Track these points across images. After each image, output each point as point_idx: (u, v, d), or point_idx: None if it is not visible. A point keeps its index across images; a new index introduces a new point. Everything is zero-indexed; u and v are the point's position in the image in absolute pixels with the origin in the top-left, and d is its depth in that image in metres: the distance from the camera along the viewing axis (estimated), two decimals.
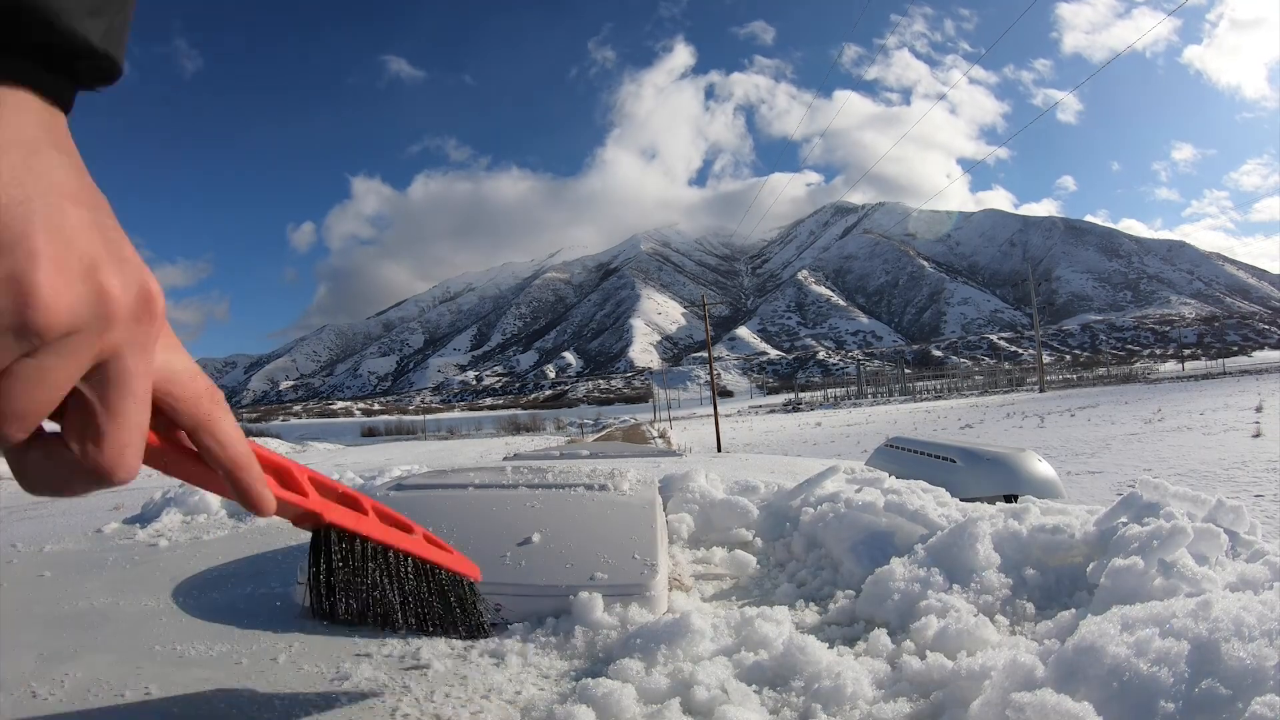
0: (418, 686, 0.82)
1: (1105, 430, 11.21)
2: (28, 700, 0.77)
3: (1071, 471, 6.72)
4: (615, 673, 0.82)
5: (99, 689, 0.80)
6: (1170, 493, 1.17)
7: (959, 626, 0.89)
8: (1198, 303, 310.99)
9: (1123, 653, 0.66)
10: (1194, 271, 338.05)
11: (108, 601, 1.14)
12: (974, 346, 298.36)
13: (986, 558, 1.06)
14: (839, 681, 0.77)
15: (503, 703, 0.79)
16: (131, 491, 12.04)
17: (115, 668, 0.86)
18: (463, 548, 1.10)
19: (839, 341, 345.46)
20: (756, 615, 0.93)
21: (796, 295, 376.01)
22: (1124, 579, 0.91)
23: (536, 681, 0.86)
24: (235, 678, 0.84)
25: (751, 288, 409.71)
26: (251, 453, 0.46)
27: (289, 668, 0.88)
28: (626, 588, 1.02)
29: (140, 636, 0.98)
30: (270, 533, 1.71)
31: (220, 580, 1.28)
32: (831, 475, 1.58)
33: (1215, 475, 5.87)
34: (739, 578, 1.30)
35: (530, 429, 42.19)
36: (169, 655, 0.91)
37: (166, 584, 1.23)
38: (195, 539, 1.66)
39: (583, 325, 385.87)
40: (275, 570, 1.31)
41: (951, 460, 2.43)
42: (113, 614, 1.07)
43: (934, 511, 1.28)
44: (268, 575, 1.29)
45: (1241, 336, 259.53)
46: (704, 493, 1.60)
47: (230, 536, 1.67)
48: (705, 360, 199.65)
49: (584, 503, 1.31)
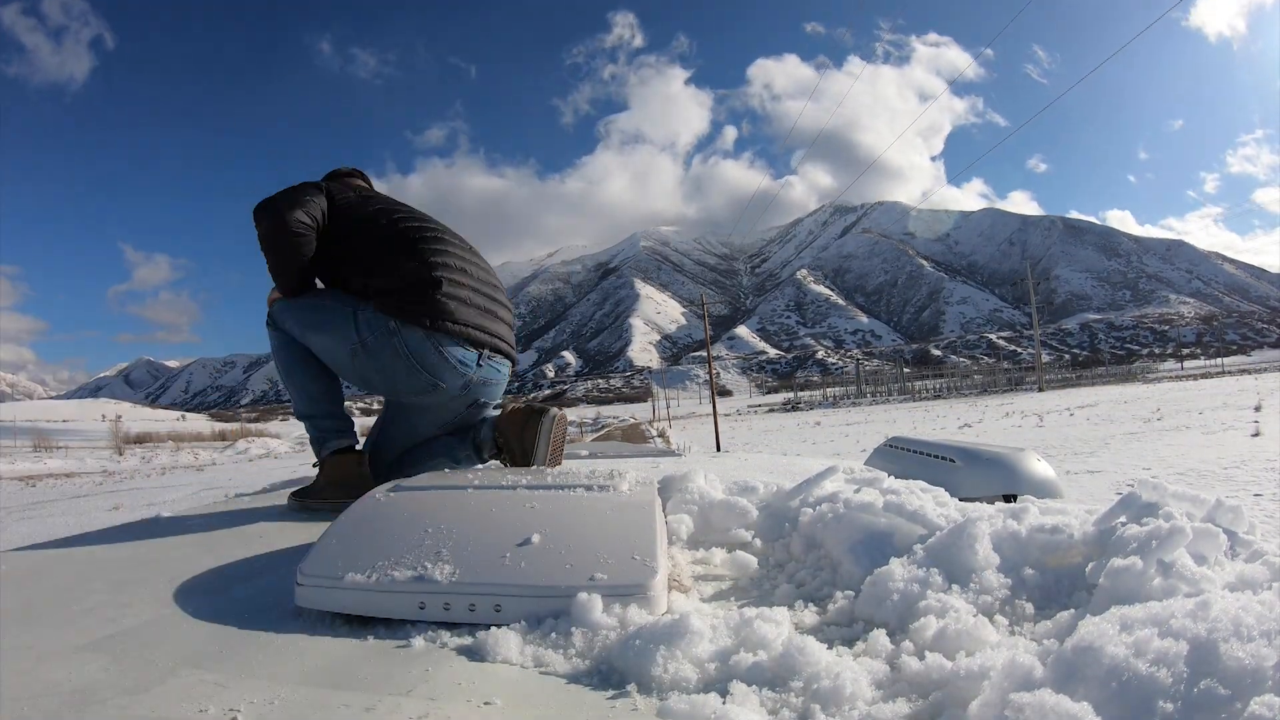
0: (420, 688, 0.82)
1: (1104, 429, 11.22)
2: (28, 701, 0.77)
3: (1071, 471, 6.73)
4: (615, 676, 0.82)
5: (99, 690, 0.80)
6: (1169, 492, 1.17)
7: (958, 627, 0.89)
8: (1197, 302, 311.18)
9: (1121, 653, 0.66)
10: (1193, 270, 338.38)
11: (107, 601, 1.14)
12: (973, 346, 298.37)
13: (985, 558, 1.06)
14: (838, 682, 0.77)
15: (504, 704, 0.79)
16: (131, 492, 12.03)
17: (115, 668, 0.86)
18: (462, 548, 1.10)
19: (838, 341, 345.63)
20: (755, 616, 0.93)
21: (795, 294, 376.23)
22: (1123, 579, 0.92)
23: (537, 682, 0.86)
24: (236, 678, 0.84)
25: (750, 287, 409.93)
26: None
27: (290, 668, 0.88)
28: (626, 588, 1.02)
29: (140, 637, 0.98)
30: (270, 533, 1.71)
31: (220, 580, 1.28)
32: (830, 475, 1.58)
33: (1214, 474, 5.88)
34: (738, 579, 1.31)
35: None
36: (169, 656, 0.91)
37: (167, 584, 1.23)
38: (195, 539, 1.66)
39: (582, 324, 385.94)
40: (276, 571, 1.31)
41: (950, 460, 2.43)
42: (113, 614, 1.07)
43: (933, 511, 1.28)
44: (268, 575, 1.29)
45: (1240, 335, 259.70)
46: (703, 493, 1.60)
47: (230, 536, 1.67)
48: (704, 359, 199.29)
49: (583, 503, 1.31)
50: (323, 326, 1.98)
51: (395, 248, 1.99)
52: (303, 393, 2.04)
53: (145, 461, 22.57)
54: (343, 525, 1.23)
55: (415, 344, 1.91)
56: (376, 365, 1.94)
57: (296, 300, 2.03)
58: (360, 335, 1.92)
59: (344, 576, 1.04)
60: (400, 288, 1.93)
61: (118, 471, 18.83)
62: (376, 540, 1.15)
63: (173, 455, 25.02)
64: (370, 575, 1.04)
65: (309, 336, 2.00)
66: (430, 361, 1.93)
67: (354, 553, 1.11)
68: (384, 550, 1.10)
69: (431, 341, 1.92)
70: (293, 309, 2.01)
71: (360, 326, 1.92)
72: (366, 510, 1.30)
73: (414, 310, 1.91)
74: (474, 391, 2.07)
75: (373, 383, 2.02)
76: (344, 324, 1.94)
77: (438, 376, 1.96)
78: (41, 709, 0.75)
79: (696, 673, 0.85)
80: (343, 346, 1.95)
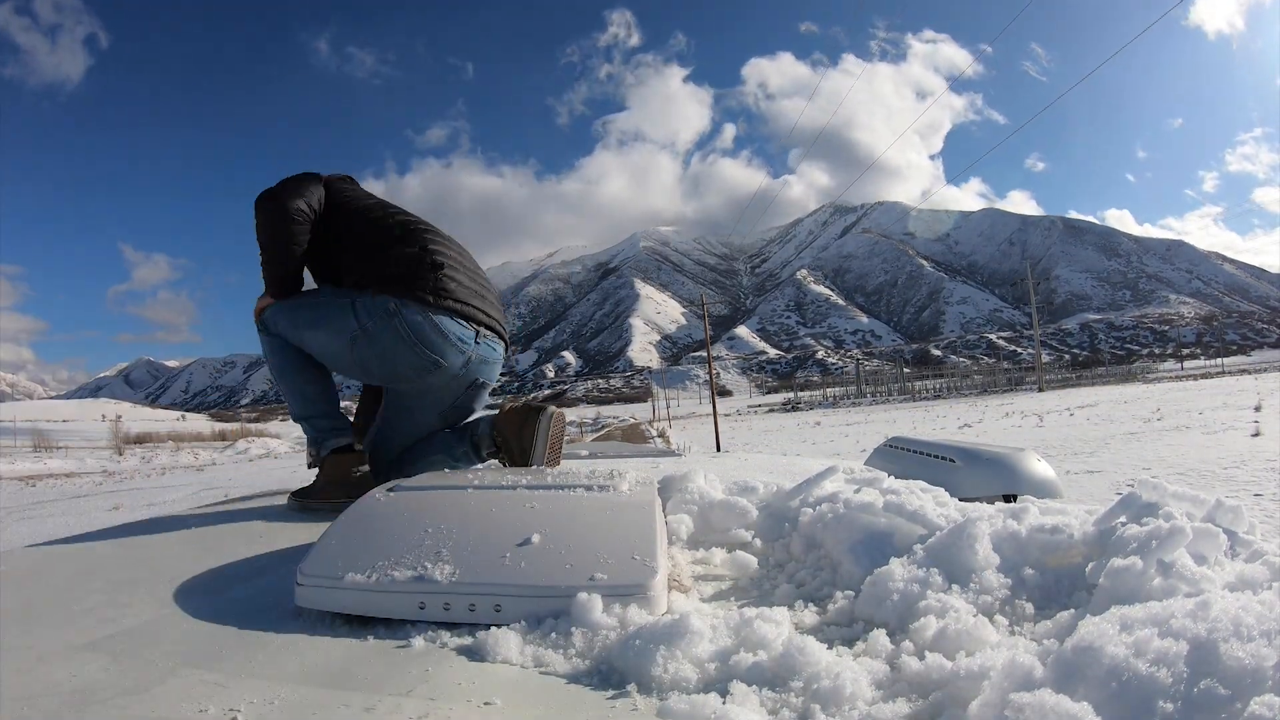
0: (420, 688, 0.82)
1: (1104, 429, 11.22)
2: (28, 701, 0.77)
3: (1071, 471, 6.73)
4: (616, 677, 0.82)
5: (99, 690, 0.80)
6: (1169, 492, 1.17)
7: (958, 627, 0.89)
8: (1197, 302, 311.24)
9: (1121, 653, 0.66)
10: (1193, 271, 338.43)
11: (107, 601, 1.14)
12: (973, 346, 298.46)
13: (985, 558, 1.06)
14: (838, 682, 0.77)
15: (504, 704, 0.79)
16: (131, 492, 12.03)
17: (115, 668, 0.86)
18: (462, 549, 1.10)
19: (838, 341, 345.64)
20: (755, 616, 0.93)
21: (795, 294, 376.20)
22: (1123, 579, 0.92)
23: (537, 682, 0.86)
24: (236, 678, 0.84)
25: (750, 287, 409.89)
26: None
27: (290, 668, 0.88)
28: (626, 588, 1.02)
29: (140, 637, 0.98)
30: (270, 533, 1.71)
31: (220, 580, 1.28)
32: (830, 475, 1.58)
33: (1214, 474, 5.88)
34: (738, 579, 1.31)
35: None
36: (169, 656, 0.91)
37: (167, 584, 1.23)
38: (195, 539, 1.66)
39: (582, 324, 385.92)
40: (276, 571, 1.31)
41: (950, 460, 2.43)
42: (113, 614, 1.07)
43: (933, 512, 1.28)
44: (268, 575, 1.29)
45: (1240, 336, 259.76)
46: (703, 493, 1.60)
47: (231, 536, 1.67)
48: (704, 359, 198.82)
49: (583, 503, 1.31)
50: (319, 322, 2.00)
51: (395, 235, 2.05)
52: (298, 394, 2.05)
53: (145, 462, 22.58)
54: (343, 525, 1.23)
55: (415, 323, 1.94)
56: (376, 350, 1.97)
57: (289, 301, 2.05)
58: (360, 321, 1.95)
59: (344, 576, 1.04)
60: (402, 271, 1.98)
61: (118, 471, 18.83)
62: (376, 540, 1.15)
63: (173, 455, 25.02)
64: (370, 575, 1.04)
65: (304, 335, 2.02)
66: (431, 339, 1.96)
67: (354, 553, 1.11)
68: (384, 550, 1.10)
69: (431, 319, 1.95)
70: (286, 309, 2.03)
71: (359, 313, 1.95)
72: (366, 510, 1.30)
73: (415, 289, 1.96)
74: (473, 370, 2.10)
75: (372, 370, 2.05)
76: (341, 314, 1.97)
77: (439, 354, 1.99)
78: (41, 709, 0.75)
79: (696, 673, 0.85)
80: (341, 337, 1.97)
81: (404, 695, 0.80)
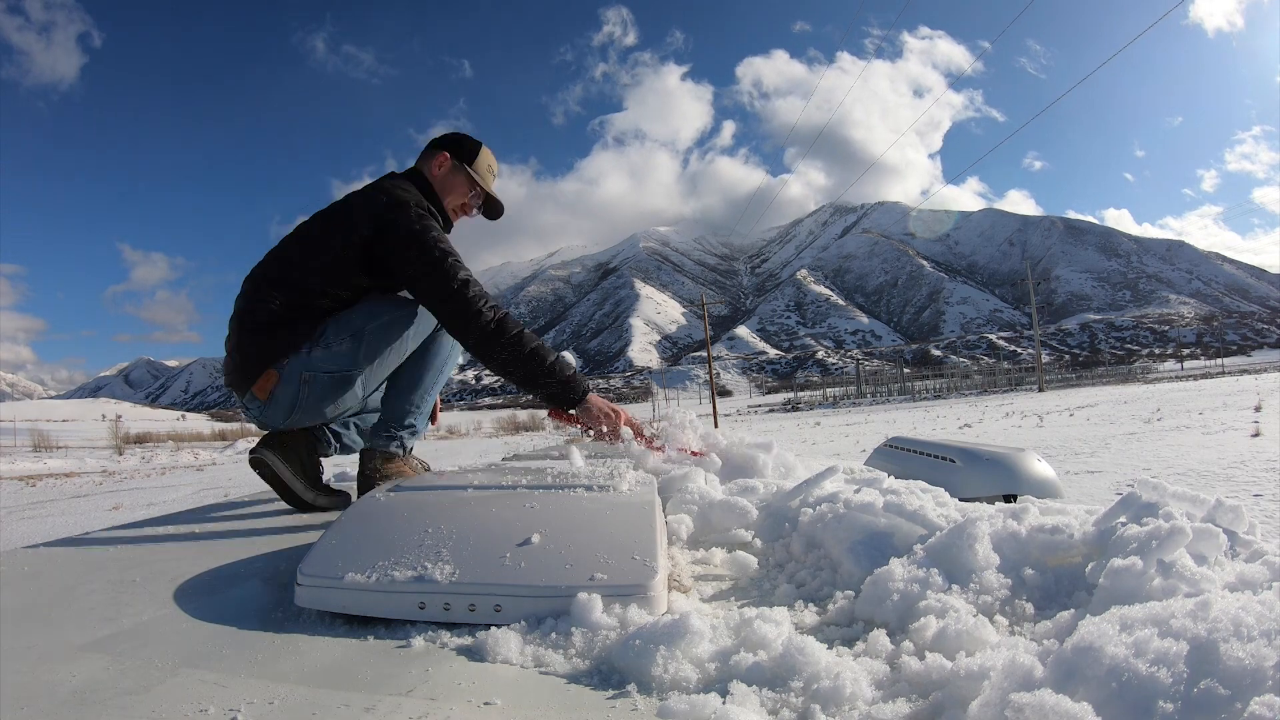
0: (420, 688, 0.82)
1: (1104, 430, 11.23)
2: (28, 701, 0.77)
3: (1071, 471, 6.73)
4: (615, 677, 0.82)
5: (99, 690, 0.80)
6: (1169, 493, 1.17)
7: (958, 627, 0.89)
8: (1197, 302, 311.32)
9: (1121, 653, 0.66)
10: (1193, 271, 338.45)
11: (107, 601, 1.14)
12: (973, 346, 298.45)
13: (985, 558, 1.06)
14: (838, 682, 0.77)
15: (504, 704, 0.79)
16: (131, 492, 12.03)
17: (115, 668, 0.86)
18: (461, 548, 1.10)
19: (838, 341, 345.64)
20: (755, 616, 0.93)
21: (795, 295, 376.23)
22: (1123, 579, 0.92)
23: (537, 682, 0.86)
24: (236, 678, 0.84)
25: (750, 287, 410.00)
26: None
27: (290, 668, 0.88)
28: (626, 588, 1.02)
29: (140, 637, 0.98)
30: (270, 533, 1.71)
31: (221, 581, 1.28)
32: (830, 475, 1.58)
33: (1214, 475, 5.88)
34: (738, 579, 1.30)
35: (530, 428, 42.16)
36: (169, 656, 0.91)
37: (167, 584, 1.23)
38: (195, 539, 1.66)
39: (582, 325, 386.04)
40: (276, 571, 1.31)
41: (950, 460, 2.43)
42: (113, 614, 1.07)
43: (933, 512, 1.28)
44: (268, 575, 1.29)
45: (1240, 336, 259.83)
46: (703, 493, 1.60)
47: (231, 536, 1.67)
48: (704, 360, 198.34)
49: (583, 503, 1.31)
50: (391, 325, 1.98)
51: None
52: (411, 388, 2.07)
53: (145, 461, 22.57)
54: (343, 525, 1.23)
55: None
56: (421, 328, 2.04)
57: (346, 337, 1.95)
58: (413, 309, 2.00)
59: (344, 576, 1.04)
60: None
61: (118, 471, 18.83)
62: (376, 540, 1.15)
63: (172, 455, 25.02)
64: (370, 575, 1.04)
65: (381, 350, 1.97)
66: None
67: (354, 553, 1.11)
68: (384, 550, 1.10)
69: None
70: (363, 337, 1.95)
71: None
72: (366, 510, 1.30)
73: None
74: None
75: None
76: (402, 305, 2.00)
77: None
78: (41, 709, 0.75)
79: (696, 673, 0.85)
80: (417, 324, 2.01)
81: (404, 695, 0.80)
